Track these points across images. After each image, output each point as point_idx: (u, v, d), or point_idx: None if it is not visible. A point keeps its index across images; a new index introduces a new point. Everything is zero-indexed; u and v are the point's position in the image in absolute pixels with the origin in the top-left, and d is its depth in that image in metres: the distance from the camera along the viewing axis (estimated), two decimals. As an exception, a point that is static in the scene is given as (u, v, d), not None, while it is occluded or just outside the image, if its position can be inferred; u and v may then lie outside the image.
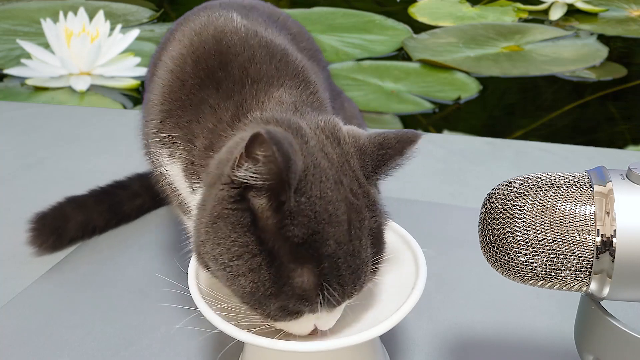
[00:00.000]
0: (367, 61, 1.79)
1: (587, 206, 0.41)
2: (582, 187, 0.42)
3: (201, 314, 0.50)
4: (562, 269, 0.41)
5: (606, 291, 0.41)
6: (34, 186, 1.00)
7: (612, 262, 0.39)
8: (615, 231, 0.39)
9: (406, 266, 0.56)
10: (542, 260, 0.41)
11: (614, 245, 0.39)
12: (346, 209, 0.46)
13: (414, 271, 0.54)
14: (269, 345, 0.46)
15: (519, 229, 0.42)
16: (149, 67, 0.67)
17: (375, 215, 0.49)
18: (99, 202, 0.85)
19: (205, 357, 0.64)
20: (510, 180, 0.44)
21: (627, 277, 0.39)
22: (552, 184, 0.42)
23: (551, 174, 0.43)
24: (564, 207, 0.41)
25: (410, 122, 1.48)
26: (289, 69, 0.56)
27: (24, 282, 0.76)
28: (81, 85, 1.63)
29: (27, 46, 1.68)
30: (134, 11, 2.17)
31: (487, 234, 0.43)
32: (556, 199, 0.42)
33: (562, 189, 0.42)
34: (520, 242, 0.42)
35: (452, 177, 1.02)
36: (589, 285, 0.41)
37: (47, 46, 1.70)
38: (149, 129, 0.59)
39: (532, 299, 0.72)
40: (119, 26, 1.70)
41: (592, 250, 0.40)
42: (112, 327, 0.69)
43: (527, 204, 0.42)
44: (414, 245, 0.57)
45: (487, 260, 0.45)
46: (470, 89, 1.62)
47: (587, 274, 0.41)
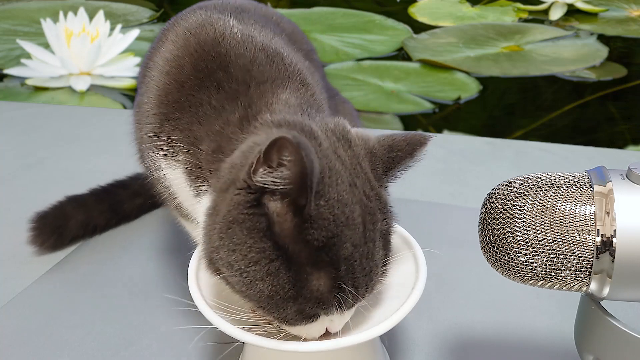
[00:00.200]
0: (367, 61, 1.79)
1: (587, 206, 0.41)
2: (582, 187, 0.42)
3: (201, 314, 0.50)
4: (562, 269, 0.41)
5: (606, 291, 0.41)
6: (34, 186, 1.00)
7: (612, 262, 0.39)
8: (615, 231, 0.39)
9: (406, 266, 0.56)
10: (542, 260, 0.41)
11: (614, 245, 0.39)
12: (361, 211, 0.46)
13: (414, 271, 0.54)
14: (270, 345, 0.47)
15: (519, 229, 0.42)
16: (140, 69, 0.66)
17: (386, 217, 0.49)
18: (100, 202, 0.85)
19: (205, 357, 0.64)
20: (510, 180, 0.44)
21: (627, 277, 0.40)
22: (552, 184, 0.42)
23: (551, 174, 0.43)
24: (564, 207, 0.41)
25: (410, 122, 1.48)
26: (289, 71, 0.55)
27: (24, 282, 0.76)
28: (81, 85, 1.63)
29: (27, 46, 1.68)
30: (134, 11, 2.17)
31: (487, 234, 0.43)
32: (556, 199, 0.42)
33: (562, 189, 0.42)
34: (520, 242, 0.42)
35: (452, 177, 1.02)
36: (589, 285, 0.41)
37: (47, 46, 1.70)
38: (143, 133, 0.58)
39: (532, 299, 0.72)
40: (119, 26, 1.70)
41: (592, 250, 0.40)
42: (112, 327, 0.69)
43: (527, 204, 0.42)
44: (414, 245, 0.57)
45: (487, 260, 0.45)
46: (470, 89, 1.62)
47: (587, 274, 0.41)
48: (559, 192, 0.42)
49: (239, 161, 0.47)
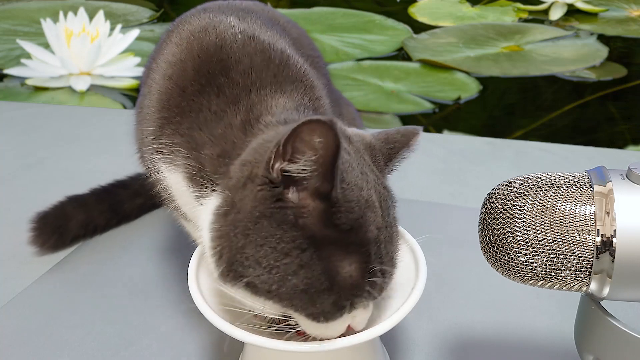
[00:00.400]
0: (367, 61, 1.79)
1: (587, 206, 0.41)
2: (582, 187, 0.42)
3: (201, 314, 0.50)
4: (562, 269, 0.41)
5: (606, 291, 0.41)
6: (34, 186, 1.00)
7: (612, 262, 0.39)
8: (615, 231, 0.39)
9: (406, 266, 0.56)
10: (542, 260, 0.41)
11: (614, 245, 0.39)
12: (377, 196, 0.47)
13: (414, 271, 0.54)
14: (270, 345, 0.47)
15: (519, 229, 0.42)
16: (145, 70, 0.66)
17: (394, 205, 0.51)
18: (100, 201, 0.85)
19: (205, 357, 0.64)
20: (510, 180, 0.44)
21: (627, 277, 0.40)
22: (552, 184, 0.42)
23: (551, 174, 0.43)
24: (564, 207, 0.41)
25: (410, 122, 1.48)
26: (291, 73, 0.56)
27: (24, 282, 0.76)
28: (81, 85, 1.63)
29: (27, 46, 1.68)
30: (134, 11, 2.17)
31: (487, 234, 0.43)
32: (556, 199, 0.42)
33: (562, 189, 0.42)
34: (520, 242, 0.42)
35: (452, 177, 1.02)
36: (589, 285, 0.41)
37: (47, 46, 1.70)
38: (144, 135, 0.58)
39: (532, 299, 0.72)
40: (119, 26, 1.70)
41: (592, 250, 0.40)
42: (112, 327, 0.69)
43: (527, 204, 0.42)
44: (414, 245, 0.57)
45: (487, 260, 0.45)
46: (470, 89, 1.62)
47: (587, 274, 0.41)
48: (559, 192, 0.42)
49: (252, 158, 0.47)
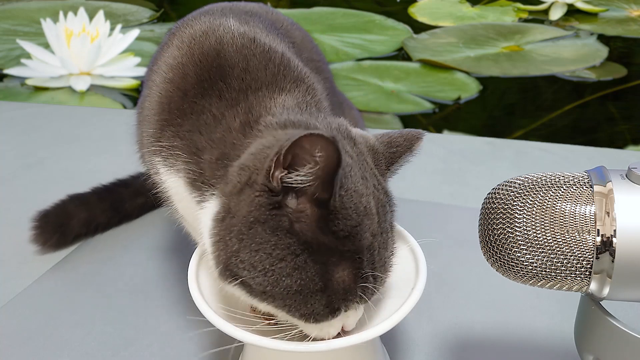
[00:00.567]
0: (367, 61, 1.79)
1: (587, 206, 0.41)
2: (582, 187, 0.42)
3: (202, 314, 0.50)
4: (562, 269, 0.41)
5: (606, 291, 0.41)
6: (34, 186, 1.00)
7: (612, 262, 0.39)
8: (615, 231, 0.39)
9: (406, 266, 0.56)
10: (542, 260, 0.41)
11: (614, 245, 0.39)
12: (375, 202, 0.48)
13: (414, 271, 0.54)
14: (270, 345, 0.47)
15: (519, 229, 0.42)
16: (147, 70, 0.65)
17: (392, 211, 0.51)
18: (102, 200, 0.85)
19: (205, 357, 0.64)
20: (510, 180, 0.44)
21: (627, 277, 0.40)
22: (552, 184, 0.42)
23: (551, 174, 0.44)
24: (564, 207, 0.41)
25: (410, 122, 1.47)
26: (290, 75, 0.55)
27: (24, 282, 0.76)
28: (81, 85, 1.63)
29: (27, 46, 1.68)
30: (134, 11, 2.17)
31: (487, 234, 0.43)
32: (556, 199, 0.42)
33: (562, 189, 0.42)
34: (520, 242, 0.42)
35: (452, 177, 1.02)
36: (589, 285, 0.41)
37: (47, 46, 1.70)
38: (144, 137, 0.58)
39: (532, 299, 0.72)
40: (119, 26, 1.70)
41: (592, 250, 0.40)
42: (112, 327, 0.69)
43: (527, 204, 0.42)
44: (414, 245, 0.57)
45: (487, 260, 0.45)
46: (470, 89, 1.62)
47: (587, 274, 0.41)
48: (559, 192, 0.42)
49: (250, 163, 0.47)
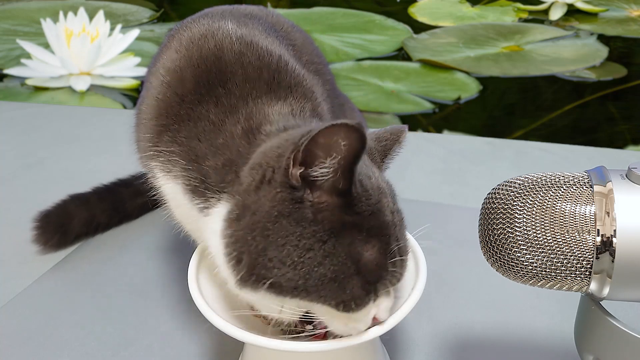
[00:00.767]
0: (367, 61, 1.79)
1: (587, 206, 0.41)
2: (582, 187, 0.42)
3: (201, 314, 0.50)
4: (562, 269, 0.41)
5: (606, 291, 0.41)
6: (34, 186, 1.00)
7: (612, 262, 0.39)
8: (615, 231, 0.39)
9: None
10: (542, 260, 0.41)
11: (614, 245, 0.39)
12: (385, 184, 0.50)
13: (414, 271, 0.54)
14: (270, 345, 0.47)
15: (519, 229, 0.42)
16: (147, 71, 0.65)
17: (396, 195, 0.52)
18: (102, 200, 0.85)
19: (205, 357, 0.64)
20: (510, 180, 0.44)
21: (627, 277, 0.40)
22: (552, 184, 0.42)
23: (551, 174, 0.43)
24: (564, 207, 0.41)
25: (410, 122, 1.47)
26: (287, 79, 0.56)
27: (24, 282, 0.76)
28: (81, 85, 1.63)
29: (27, 46, 1.68)
30: (134, 11, 2.17)
31: (487, 234, 0.43)
32: (556, 199, 0.42)
33: (562, 189, 0.42)
34: (520, 242, 0.42)
35: (452, 177, 1.02)
36: (589, 285, 0.41)
37: (47, 46, 1.70)
38: (141, 141, 0.58)
39: (532, 299, 0.72)
40: (119, 26, 1.70)
41: (592, 250, 0.40)
42: (112, 327, 0.69)
43: (527, 204, 0.42)
44: (414, 245, 0.57)
45: (487, 260, 0.45)
46: (470, 89, 1.62)
47: (587, 274, 0.41)
48: (559, 192, 0.42)
49: (262, 161, 0.47)
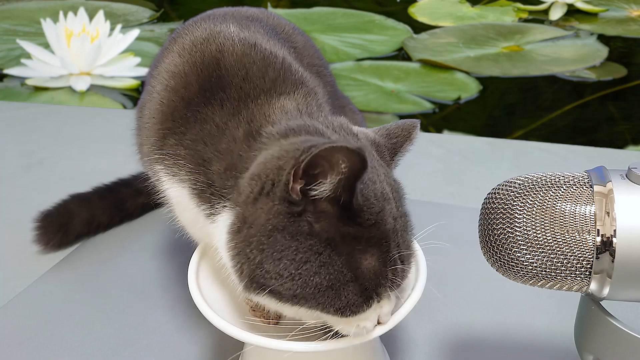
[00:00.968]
0: (367, 61, 1.79)
1: (587, 206, 0.41)
2: (582, 187, 0.42)
3: (201, 314, 0.50)
4: (562, 269, 0.41)
5: (606, 291, 0.41)
6: (33, 186, 1.00)
7: (612, 262, 0.39)
8: (615, 231, 0.39)
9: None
10: (542, 260, 0.41)
11: (614, 245, 0.39)
12: (390, 188, 0.49)
13: (414, 271, 0.54)
14: (270, 345, 0.47)
15: (519, 229, 0.42)
16: (148, 73, 0.64)
17: (404, 196, 0.52)
18: (103, 199, 0.85)
19: (205, 357, 0.64)
20: (510, 180, 0.44)
21: (627, 277, 0.40)
22: (552, 184, 0.42)
23: (551, 174, 0.44)
24: (564, 207, 0.41)
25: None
26: (290, 80, 0.55)
27: (24, 282, 0.76)
28: (81, 85, 1.63)
29: (27, 46, 1.68)
30: (134, 11, 2.17)
31: (487, 234, 0.43)
32: (556, 199, 0.42)
33: (562, 189, 0.42)
34: (520, 242, 0.42)
35: (452, 177, 1.02)
36: (589, 285, 0.41)
37: (47, 46, 1.70)
38: (144, 145, 0.58)
39: (532, 299, 0.72)
40: (119, 26, 1.70)
41: (592, 250, 0.40)
42: (112, 327, 0.69)
43: (527, 204, 0.42)
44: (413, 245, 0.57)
45: (487, 260, 0.45)
46: (470, 89, 1.62)
47: (587, 274, 0.41)
48: (559, 192, 0.42)
49: (262, 172, 0.46)
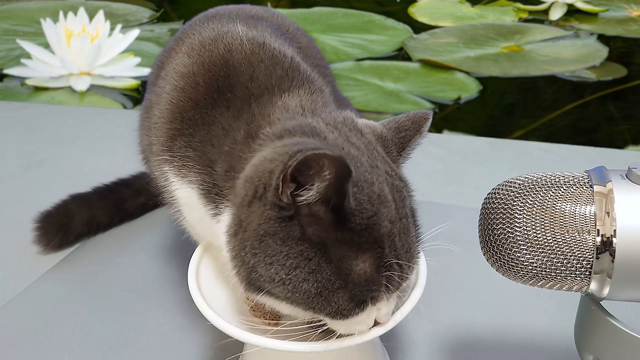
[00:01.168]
0: (367, 61, 1.79)
1: (587, 206, 0.41)
2: (582, 187, 0.42)
3: (201, 314, 0.50)
4: (562, 269, 0.41)
5: (606, 291, 0.41)
6: (33, 186, 1.00)
7: (612, 262, 0.39)
8: (615, 231, 0.39)
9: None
10: (542, 260, 0.41)
11: (614, 245, 0.39)
12: (389, 189, 0.47)
13: (413, 271, 0.54)
14: (270, 345, 0.47)
15: (519, 229, 0.42)
16: (152, 73, 0.65)
17: (410, 196, 0.51)
18: (103, 199, 0.85)
19: (205, 357, 0.64)
20: (510, 180, 0.44)
21: (627, 277, 0.40)
22: (552, 184, 0.42)
23: (551, 174, 0.43)
24: (564, 207, 0.41)
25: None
26: (297, 75, 0.55)
27: (24, 282, 0.76)
28: (81, 85, 1.63)
29: (27, 46, 1.68)
30: (134, 11, 2.17)
31: (487, 234, 0.43)
32: (556, 199, 0.42)
33: (562, 189, 0.42)
34: (520, 242, 0.42)
35: (452, 177, 1.02)
36: (589, 285, 0.41)
37: (47, 46, 1.70)
38: (153, 145, 0.58)
39: (532, 299, 0.72)
40: (119, 26, 1.70)
41: (592, 250, 0.40)
42: (112, 327, 0.69)
43: (527, 204, 0.42)
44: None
45: (487, 260, 0.45)
46: (470, 89, 1.62)
47: (587, 274, 0.41)
48: (559, 192, 0.42)
49: (254, 175, 0.46)
